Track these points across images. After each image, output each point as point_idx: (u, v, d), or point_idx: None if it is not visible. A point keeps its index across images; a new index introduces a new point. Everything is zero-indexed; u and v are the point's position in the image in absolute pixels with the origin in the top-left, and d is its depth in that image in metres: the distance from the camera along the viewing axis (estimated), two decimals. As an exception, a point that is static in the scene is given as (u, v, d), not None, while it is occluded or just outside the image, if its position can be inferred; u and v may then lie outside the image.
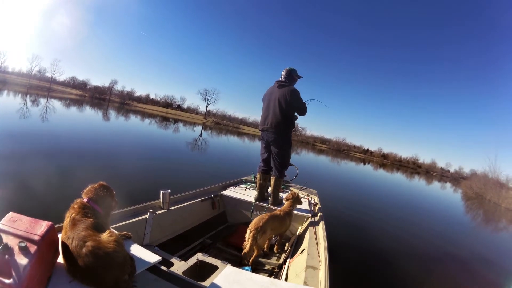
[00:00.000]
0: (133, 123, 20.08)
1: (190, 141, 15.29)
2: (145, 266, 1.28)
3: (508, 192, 24.37)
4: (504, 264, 5.18)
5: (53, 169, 4.51)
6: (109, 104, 45.00)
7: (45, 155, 5.45)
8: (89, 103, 35.48)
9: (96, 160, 6.25)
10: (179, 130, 22.84)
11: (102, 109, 27.82)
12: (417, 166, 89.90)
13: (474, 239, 7.09)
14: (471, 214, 14.18)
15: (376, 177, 21.04)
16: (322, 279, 1.53)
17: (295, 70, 3.10)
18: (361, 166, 31.42)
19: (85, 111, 21.88)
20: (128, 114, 29.03)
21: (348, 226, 4.78)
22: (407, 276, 3.39)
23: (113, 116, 22.54)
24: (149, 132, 16.70)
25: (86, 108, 24.56)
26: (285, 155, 3.05)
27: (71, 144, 7.52)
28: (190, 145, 14.17)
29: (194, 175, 6.80)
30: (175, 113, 62.23)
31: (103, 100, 54.11)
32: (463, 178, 69.87)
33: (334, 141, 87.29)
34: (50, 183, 3.85)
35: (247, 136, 38.36)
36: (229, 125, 66.26)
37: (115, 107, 38.45)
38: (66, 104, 24.29)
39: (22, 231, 0.97)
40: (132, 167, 6.13)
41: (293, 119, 3.04)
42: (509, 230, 11.52)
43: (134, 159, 7.21)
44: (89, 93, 56.66)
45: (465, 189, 29.88)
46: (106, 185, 1.41)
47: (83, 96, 51.38)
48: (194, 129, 28.57)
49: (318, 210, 2.95)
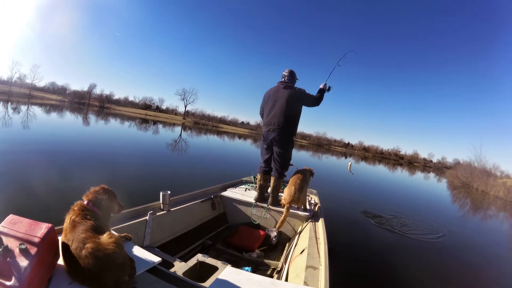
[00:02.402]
0: (117, 127, 19.75)
1: (171, 142, 15.05)
2: (145, 267, 1.28)
3: (496, 180, 24.45)
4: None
5: (51, 173, 4.52)
6: (89, 108, 44.53)
7: (40, 161, 5.46)
8: (69, 108, 34.95)
9: (94, 163, 6.26)
10: (159, 132, 22.37)
11: (82, 114, 27.19)
12: (399, 158, 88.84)
13: (474, 231, 7.09)
14: (466, 204, 14.26)
15: (374, 175, 21.06)
16: (322, 279, 1.53)
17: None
18: (360, 165, 31.42)
19: (65, 116, 21.09)
20: (108, 117, 28.43)
21: (348, 226, 4.78)
22: (407, 275, 3.39)
23: (95, 120, 21.97)
24: (135, 134, 16.53)
25: (66, 114, 23.64)
26: (287, 156, 3.06)
27: (63, 149, 7.54)
28: (186, 147, 14.19)
29: (193, 176, 6.81)
30: (154, 115, 61.67)
31: (83, 104, 53.50)
32: (446, 167, 70.48)
33: (315, 136, 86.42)
34: (50, 187, 3.86)
35: (227, 135, 38.01)
36: (208, 124, 65.61)
37: (94, 111, 37.83)
38: (46, 110, 23.60)
39: (22, 233, 0.98)
40: (131, 170, 6.14)
41: (298, 120, 3.06)
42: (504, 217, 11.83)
43: (131, 162, 7.22)
44: (68, 98, 55.92)
45: (451, 179, 29.92)
46: (107, 188, 1.42)
47: (63, 102, 50.82)
48: (174, 130, 28.18)
49: (318, 210, 2.96)
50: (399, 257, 3.86)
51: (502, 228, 9.47)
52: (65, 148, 7.51)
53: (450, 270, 3.83)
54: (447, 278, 3.55)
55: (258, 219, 2.98)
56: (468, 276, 3.83)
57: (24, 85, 54.45)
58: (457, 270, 3.91)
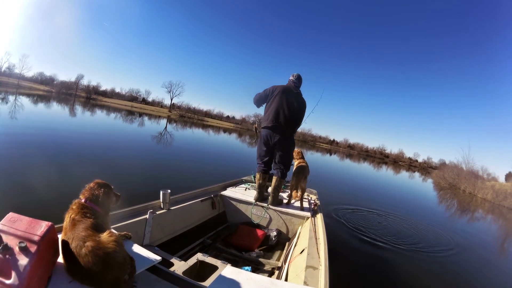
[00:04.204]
0: (106, 120, 19.37)
1: (155, 135, 14.93)
2: (145, 266, 1.28)
3: (484, 183, 24.26)
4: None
5: (50, 171, 4.51)
6: (76, 99, 44.15)
7: (35, 157, 5.43)
8: (56, 98, 34.66)
9: (93, 160, 6.25)
10: (149, 125, 22.17)
11: (69, 105, 26.92)
12: (385, 156, 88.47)
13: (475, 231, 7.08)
14: (466, 207, 14.35)
15: (374, 174, 21.06)
16: (322, 279, 1.53)
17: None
18: (361, 164, 31.38)
19: (52, 107, 20.80)
20: (94, 109, 28.13)
21: (348, 226, 4.77)
22: (407, 275, 3.39)
23: (82, 112, 21.68)
24: (127, 128, 16.34)
25: (53, 105, 23.22)
26: (290, 157, 3.12)
27: (61, 144, 7.52)
28: (187, 144, 14.17)
29: (193, 175, 6.80)
30: (140, 107, 61.30)
31: (70, 95, 53.14)
32: (432, 168, 70.84)
33: (300, 132, 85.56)
34: (49, 184, 3.85)
35: (212, 128, 37.72)
36: (194, 117, 65.60)
37: (81, 102, 37.53)
38: (34, 101, 23.25)
39: (22, 232, 0.97)
40: (130, 167, 6.13)
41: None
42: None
43: (130, 159, 7.21)
44: (56, 88, 55.42)
45: (437, 179, 29.74)
46: (101, 182, 1.40)
47: (50, 92, 50.21)
48: (159, 123, 27.90)
49: (318, 209, 2.96)
50: (399, 257, 3.86)
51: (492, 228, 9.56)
52: (57, 142, 7.42)
53: (450, 270, 3.83)
54: (447, 277, 3.55)
55: (258, 218, 2.99)
56: (470, 278, 3.83)
57: (13, 75, 53.93)
58: (457, 271, 3.91)
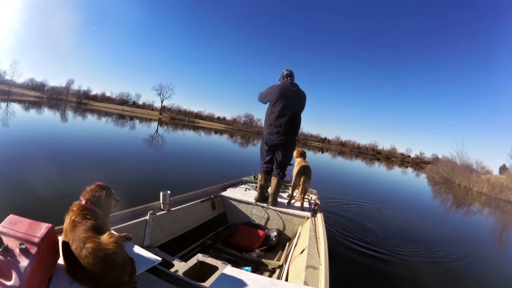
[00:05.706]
0: (98, 124, 19.24)
1: (147, 138, 14.91)
2: (145, 267, 1.28)
3: (479, 176, 24.32)
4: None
5: (50, 173, 4.52)
6: (67, 104, 44.05)
7: (36, 160, 5.43)
8: (47, 104, 34.54)
9: (93, 163, 6.26)
10: (136, 127, 22.00)
11: (60, 110, 26.64)
12: (377, 153, 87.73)
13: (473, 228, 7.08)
14: (465, 202, 14.36)
15: (373, 173, 21.06)
16: (322, 279, 1.53)
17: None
18: (353, 162, 31.32)
19: (43, 113, 20.51)
20: (86, 113, 27.99)
21: (348, 226, 4.77)
22: (408, 275, 3.39)
23: (73, 117, 21.47)
24: (122, 132, 16.25)
25: (45, 111, 22.96)
26: (290, 157, 3.14)
27: (58, 148, 7.52)
28: (183, 146, 14.17)
29: (193, 176, 6.80)
30: (131, 110, 61.14)
31: (61, 100, 52.88)
32: (425, 162, 70.66)
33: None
34: (50, 186, 3.85)
35: (203, 130, 37.51)
36: (185, 119, 64.99)
37: (72, 107, 37.39)
38: (25, 107, 22.90)
39: (23, 233, 0.98)
40: (129, 169, 6.13)
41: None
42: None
43: (128, 161, 7.20)
44: (47, 94, 55.26)
45: (431, 174, 29.77)
46: (102, 185, 1.41)
47: (41, 98, 50.10)
48: (150, 126, 27.71)
49: (318, 209, 2.96)
50: (400, 257, 3.85)
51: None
52: (54, 146, 7.44)
53: (450, 269, 3.83)
54: (447, 277, 3.55)
55: (258, 219, 2.99)
56: (472, 275, 3.82)
57: (4, 82, 53.38)
58: (458, 268, 3.91)
